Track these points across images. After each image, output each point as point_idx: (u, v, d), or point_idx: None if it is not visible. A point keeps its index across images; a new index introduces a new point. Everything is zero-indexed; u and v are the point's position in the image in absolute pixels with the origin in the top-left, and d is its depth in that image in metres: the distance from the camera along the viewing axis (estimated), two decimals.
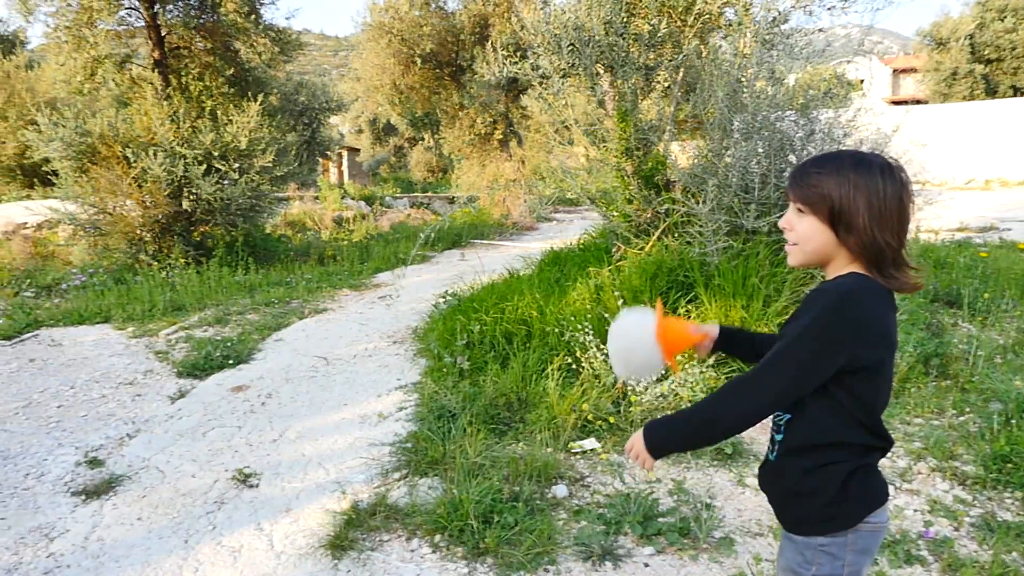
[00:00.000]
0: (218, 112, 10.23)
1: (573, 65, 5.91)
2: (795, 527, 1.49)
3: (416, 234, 12.91)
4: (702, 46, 6.09)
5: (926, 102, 27.11)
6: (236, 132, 9.43)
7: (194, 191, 8.99)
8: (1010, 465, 3.16)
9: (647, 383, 3.91)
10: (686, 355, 3.82)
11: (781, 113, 5.20)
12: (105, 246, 9.25)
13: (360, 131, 40.24)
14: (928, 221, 8.01)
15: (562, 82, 6.01)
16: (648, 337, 1.65)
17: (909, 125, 5.75)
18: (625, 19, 5.88)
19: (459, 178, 19.85)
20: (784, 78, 5.52)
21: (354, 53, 21.48)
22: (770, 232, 4.94)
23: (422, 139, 35.34)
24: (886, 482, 1.50)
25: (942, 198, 6.63)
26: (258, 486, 3.44)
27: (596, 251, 6.37)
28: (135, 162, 8.73)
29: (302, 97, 17.55)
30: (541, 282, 5.72)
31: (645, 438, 1.51)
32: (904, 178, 1.37)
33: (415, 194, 22.69)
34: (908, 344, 4.40)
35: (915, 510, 2.99)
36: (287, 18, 21.83)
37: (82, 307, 7.18)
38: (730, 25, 6.03)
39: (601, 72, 5.97)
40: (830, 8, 5.62)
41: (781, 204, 4.97)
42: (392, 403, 4.46)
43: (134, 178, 8.78)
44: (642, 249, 5.47)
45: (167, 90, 10.94)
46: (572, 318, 4.63)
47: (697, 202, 4.90)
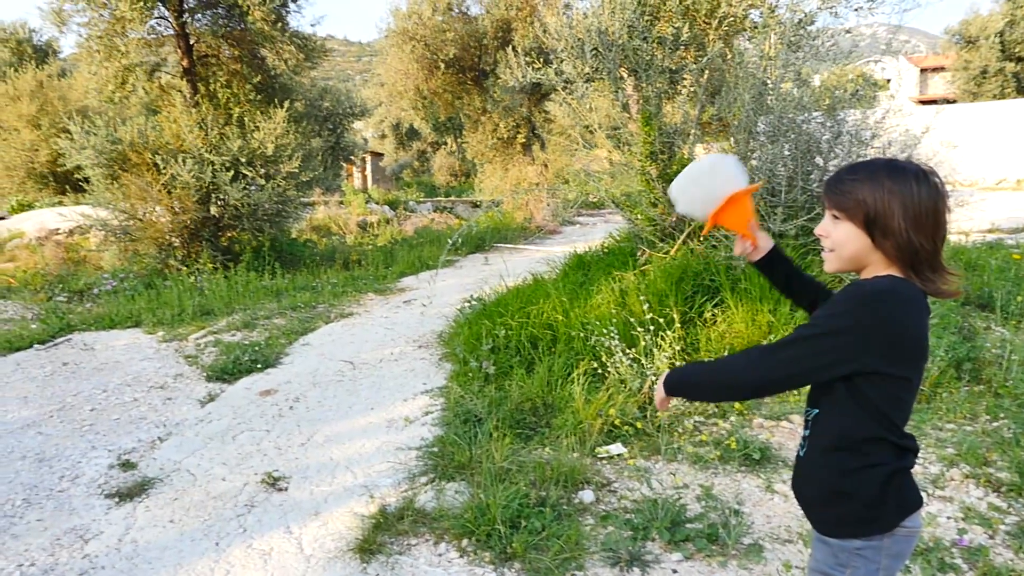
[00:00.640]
0: (245, 119, 10.37)
1: (597, 69, 5.91)
2: (831, 529, 1.48)
3: (440, 238, 12.97)
4: (727, 49, 6.06)
5: (955, 101, 26.69)
6: (263, 138, 9.55)
7: (222, 197, 9.13)
8: None
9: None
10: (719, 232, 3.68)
11: (807, 115, 5.16)
12: (135, 251, 9.42)
13: (384, 136, 40.51)
14: (959, 222, 7.89)
15: (586, 87, 6.01)
16: (721, 184, 1.65)
17: (939, 126, 5.67)
18: (648, 23, 5.87)
19: (482, 182, 19.91)
20: (810, 80, 5.48)
21: (378, 58, 21.69)
22: (797, 235, 4.89)
23: (445, 143, 35.49)
24: (919, 487, 1.49)
25: (973, 199, 6.52)
26: (287, 489, 3.48)
27: (621, 255, 6.35)
28: (164, 169, 8.89)
29: (326, 103, 17.69)
30: (566, 286, 5.72)
31: (665, 379, 1.58)
32: (939, 183, 1.38)
33: (438, 198, 22.78)
34: (940, 348, 4.33)
35: (948, 517, 2.95)
36: (312, 25, 22.09)
37: (113, 312, 7.31)
38: (755, 27, 6.00)
39: (625, 76, 5.96)
40: (857, 9, 5.57)
41: (808, 207, 4.93)
42: (418, 407, 4.49)
43: (163, 184, 8.93)
44: (667, 253, 5.45)
45: (195, 98, 11.11)
46: (597, 322, 4.62)
47: None
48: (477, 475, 3.33)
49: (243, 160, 9.30)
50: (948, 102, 25.62)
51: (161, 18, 10.96)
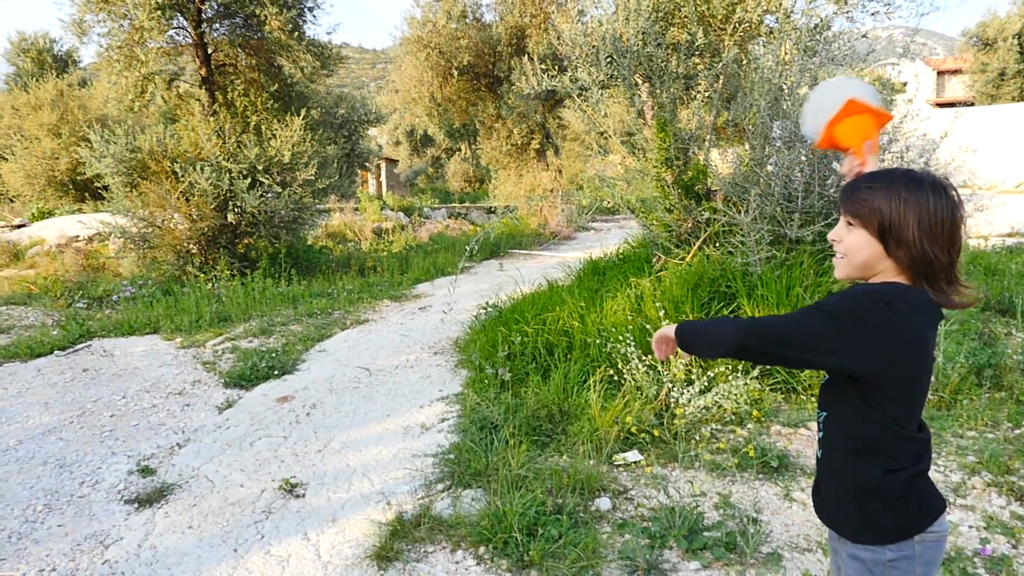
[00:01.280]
0: (262, 127, 10.47)
1: (612, 76, 5.91)
2: (855, 533, 1.47)
3: (455, 245, 13.00)
4: (742, 54, 6.04)
5: (973, 104, 26.45)
6: (279, 146, 9.64)
7: (239, 204, 9.21)
8: None
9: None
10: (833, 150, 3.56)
11: None
12: (154, 258, 9.52)
13: (398, 142, 40.69)
14: (978, 226, 7.81)
15: (600, 93, 6.02)
16: (840, 100, 1.61)
17: (957, 130, 5.62)
18: (662, 28, 5.86)
19: (496, 188, 19.93)
20: None
21: (392, 65, 21.78)
22: (814, 241, 4.87)
23: (459, 150, 35.55)
24: (939, 491, 1.49)
25: (993, 203, 6.46)
26: (304, 496, 3.49)
27: (636, 261, 6.34)
28: (183, 177, 8.98)
29: (342, 110, 17.82)
30: (581, 292, 5.72)
31: (677, 329, 1.59)
32: (955, 196, 1.38)
33: (453, 204, 22.85)
34: (960, 355, 4.29)
35: (970, 526, 2.91)
36: (328, 33, 22.16)
37: (132, 318, 7.38)
38: (770, 33, 5.98)
39: (640, 82, 5.96)
40: (874, 13, 5.54)
41: (825, 213, 4.90)
42: (434, 414, 4.49)
43: (182, 192, 9.02)
44: (683, 259, 5.43)
45: (213, 106, 11.23)
46: (613, 329, 4.61)
47: (739, 211, 4.85)
48: (494, 482, 3.33)
49: (260, 168, 9.38)
50: (966, 105, 25.40)
51: (180, 28, 11.11)
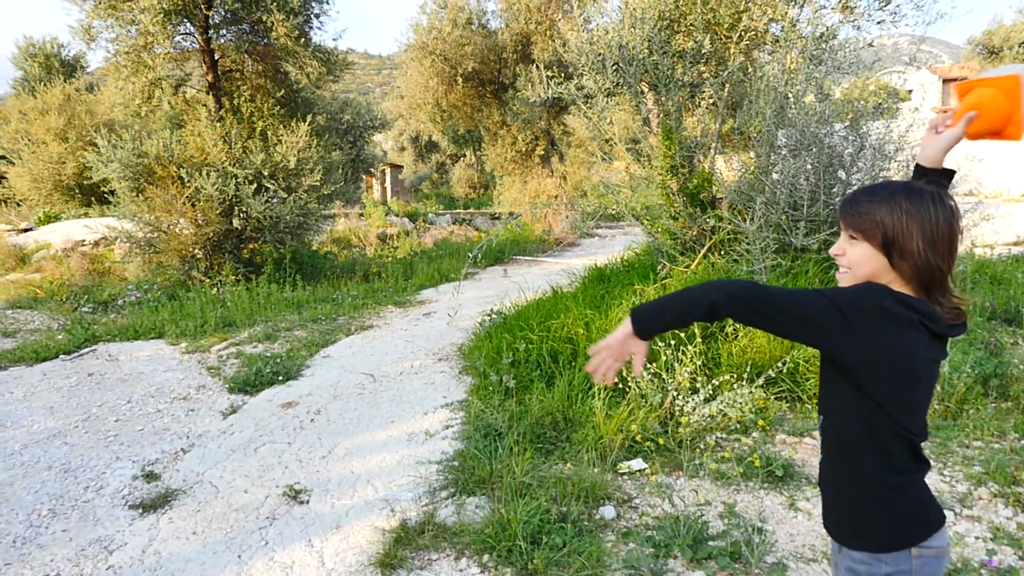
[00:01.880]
0: (268, 132, 10.50)
1: (617, 84, 5.92)
2: (854, 540, 1.47)
3: (459, 251, 13.01)
4: (748, 62, 6.05)
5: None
6: (285, 152, 9.67)
7: (244, 210, 9.24)
8: None
9: None
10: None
11: (829, 128, 5.13)
12: (159, 263, 9.54)
13: (403, 148, 40.82)
14: (984, 235, 7.79)
15: (606, 101, 6.02)
16: (1009, 72, 1.56)
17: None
18: (668, 36, 5.87)
19: (501, 194, 19.97)
20: (831, 93, 5.45)
21: (398, 72, 21.84)
22: (819, 250, 4.86)
23: (464, 156, 35.68)
24: (939, 504, 1.48)
25: (998, 212, 6.44)
26: (308, 502, 3.49)
27: (641, 268, 6.34)
28: (189, 182, 9.01)
29: (347, 116, 17.85)
30: (586, 299, 5.71)
31: (632, 316, 1.50)
32: (953, 205, 1.40)
33: (457, 210, 22.89)
34: (966, 364, 4.27)
35: (976, 537, 2.90)
36: (334, 39, 22.30)
37: (137, 323, 7.40)
38: (776, 41, 5.98)
39: (645, 90, 5.97)
40: (880, 22, 5.54)
41: (830, 221, 4.89)
42: (439, 421, 4.49)
43: (187, 197, 9.05)
44: (688, 267, 5.43)
45: (220, 112, 11.27)
46: None
47: (744, 219, 4.85)
48: (498, 490, 3.33)
49: (266, 173, 9.41)
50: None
51: (187, 34, 11.16)
